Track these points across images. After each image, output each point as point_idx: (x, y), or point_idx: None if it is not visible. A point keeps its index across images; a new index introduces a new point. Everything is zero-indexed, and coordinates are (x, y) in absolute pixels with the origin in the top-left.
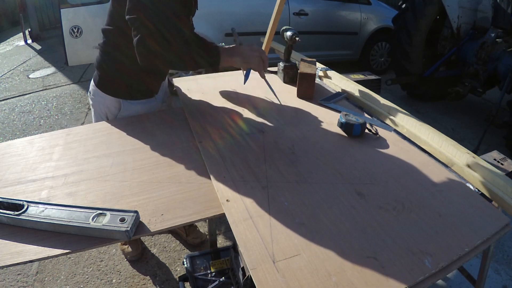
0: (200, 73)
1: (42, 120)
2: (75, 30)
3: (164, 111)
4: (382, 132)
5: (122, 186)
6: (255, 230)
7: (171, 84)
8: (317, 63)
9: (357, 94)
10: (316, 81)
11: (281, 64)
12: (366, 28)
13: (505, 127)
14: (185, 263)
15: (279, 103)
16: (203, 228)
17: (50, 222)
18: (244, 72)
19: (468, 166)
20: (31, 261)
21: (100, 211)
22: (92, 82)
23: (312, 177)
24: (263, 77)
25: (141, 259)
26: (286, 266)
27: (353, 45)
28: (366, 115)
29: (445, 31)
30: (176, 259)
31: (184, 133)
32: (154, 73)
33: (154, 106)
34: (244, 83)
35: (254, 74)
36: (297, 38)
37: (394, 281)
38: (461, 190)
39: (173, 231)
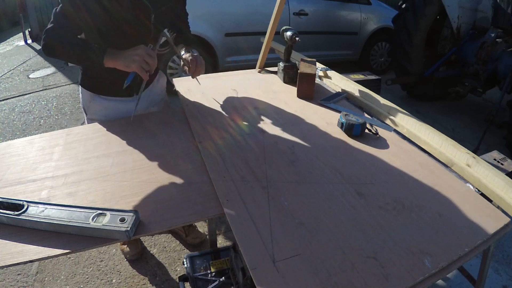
0: None
1: (42, 120)
2: None
3: (164, 111)
4: (382, 132)
5: (122, 186)
6: (255, 230)
7: (171, 84)
8: (317, 63)
9: (357, 94)
10: (316, 81)
11: (281, 64)
12: (366, 28)
13: (505, 127)
14: (185, 263)
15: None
16: (203, 228)
17: (50, 222)
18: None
19: (468, 166)
20: (31, 261)
21: (100, 211)
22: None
23: (312, 177)
24: (146, 78)
25: (141, 259)
26: (286, 266)
27: (353, 45)
28: (366, 115)
29: (445, 31)
30: (176, 259)
31: (184, 133)
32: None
33: (129, 108)
34: (124, 87)
35: (254, 75)
36: (297, 38)
37: (394, 281)
38: (461, 190)
39: (173, 231)
